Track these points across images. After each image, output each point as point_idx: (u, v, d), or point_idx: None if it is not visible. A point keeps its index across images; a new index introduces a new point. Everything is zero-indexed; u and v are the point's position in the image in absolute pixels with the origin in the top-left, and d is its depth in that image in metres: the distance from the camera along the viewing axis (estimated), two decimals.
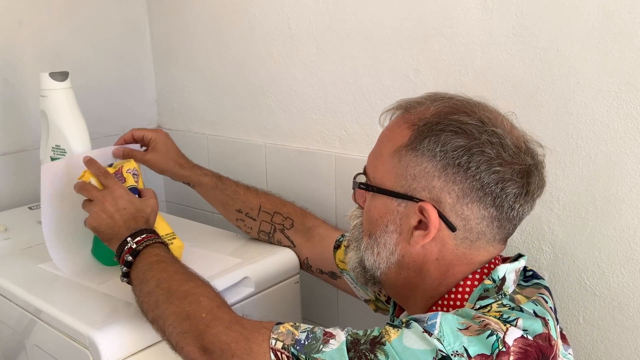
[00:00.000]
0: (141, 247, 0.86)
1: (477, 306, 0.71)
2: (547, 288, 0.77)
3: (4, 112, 1.31)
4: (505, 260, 0.78)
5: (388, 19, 1.07)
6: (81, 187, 0.95)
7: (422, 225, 0.73)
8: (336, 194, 1.23)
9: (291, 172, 1.30)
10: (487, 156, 0.69)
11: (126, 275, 0.86)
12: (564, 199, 0.93)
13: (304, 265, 1.10)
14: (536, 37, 0.91)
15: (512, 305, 0.70)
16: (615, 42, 0.83)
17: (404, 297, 0.81)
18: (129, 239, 0.87)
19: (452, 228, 0.71)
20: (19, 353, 1.01)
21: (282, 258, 1.09)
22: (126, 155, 1.08)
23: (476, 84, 0.98)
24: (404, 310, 0.85)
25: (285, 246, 1.10)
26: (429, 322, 0.65)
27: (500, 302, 0.71)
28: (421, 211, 0.72)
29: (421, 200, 0.72)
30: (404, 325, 0.67)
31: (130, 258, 0.85)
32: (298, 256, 1.10)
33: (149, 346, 0.86)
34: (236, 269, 1.02)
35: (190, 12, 1.43)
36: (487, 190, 0.70)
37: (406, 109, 0.76)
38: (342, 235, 1.02)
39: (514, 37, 0.93)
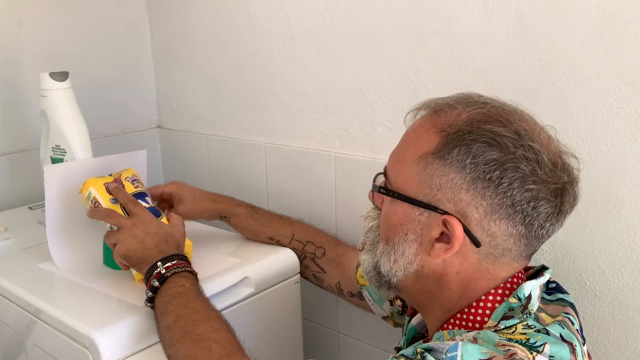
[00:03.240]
0: (169, 274, 0.85)
1: (502, 326, 0.68)
2: (572, 305, 0.74)
3: (4, 112, 1.31)
4: (527, 270, 0.75)
5: (388, 19, 1.07)
6: (107, 214, 0.93)
7: (444, 237, 0.69)
8: (336, 194, 1.22)
9: (291, 172, 1.30)
10: (521, 173, 0.65)
11: (151, 301, 0.85)
12: None
13: (336, 290, 1.08)
14: (536, 37, 0.90)
15: (538, 326, 0.67)
16: (615, 42, 0.83)
17: (421, 305, 0.78)
18: (159, 263, 0.85)
19: (477, 244, 0.67)
20: (19, 353, 1.01)
21: (282, 258, 1.09)
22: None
23: (476, 84, 0.98)
24: (417, 312, 0.83)
25: (314, 273, 1.10)
26: (449, 355, 0.61)
27: (525, 322, 0.68)
28: (445, 224, 0.68)
29: (445, 212, 0.67)
30: (418, 356, 0.63)
31: (157, 283, 0.84)
32: (330, 283, 1.08)
33: (149, 346, 0.86)
34: (236, 269, 1.02)
35: (190, 12, 1.43)
36: (517, 208, 0.66)
37: (435, 110, 0.71)
38: None
39: (514, 37, 0.93)
